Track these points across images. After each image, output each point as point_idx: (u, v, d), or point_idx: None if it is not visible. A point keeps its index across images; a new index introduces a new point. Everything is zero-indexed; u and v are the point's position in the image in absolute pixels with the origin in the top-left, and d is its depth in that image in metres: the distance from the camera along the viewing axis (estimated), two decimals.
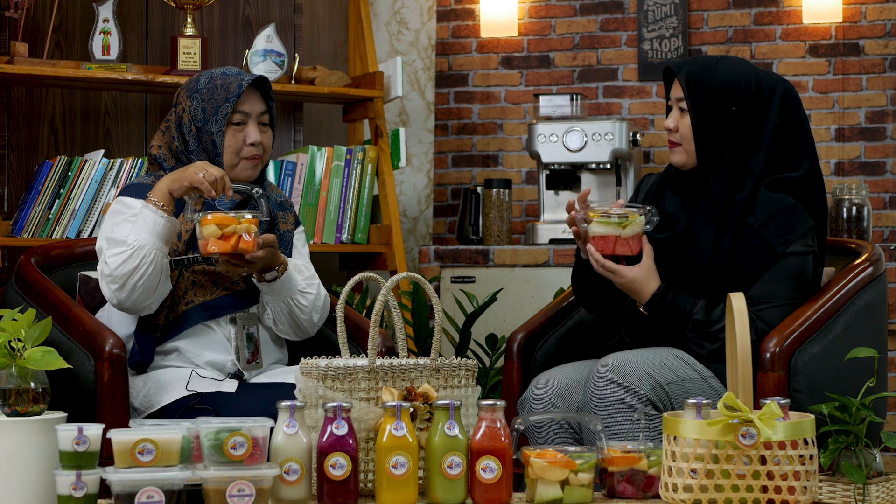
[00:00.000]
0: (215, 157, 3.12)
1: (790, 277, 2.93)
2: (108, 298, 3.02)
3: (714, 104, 3.00)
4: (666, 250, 3.00)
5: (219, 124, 3.11)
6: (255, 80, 3.15)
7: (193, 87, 3.16)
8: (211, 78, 3.16)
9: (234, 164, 3.14)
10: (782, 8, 5.06)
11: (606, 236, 2.91)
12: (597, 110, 5.22)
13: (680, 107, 3.05)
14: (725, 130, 3.00)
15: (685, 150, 3.05)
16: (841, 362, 2.86)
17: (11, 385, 2.46)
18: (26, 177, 4.44)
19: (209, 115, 3.12)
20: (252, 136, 3.14)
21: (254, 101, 3.16)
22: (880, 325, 3.16)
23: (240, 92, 3.11)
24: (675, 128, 3.06)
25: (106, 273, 2.97)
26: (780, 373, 2.88)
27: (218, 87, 3.13)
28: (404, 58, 5.36)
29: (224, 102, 3.11)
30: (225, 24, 4.81)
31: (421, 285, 2.62)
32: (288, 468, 2.38)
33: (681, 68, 3.05)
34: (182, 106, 3.16)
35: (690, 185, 3.06)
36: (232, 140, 3.13)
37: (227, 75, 3.15)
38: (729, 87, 2.99)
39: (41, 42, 4.40)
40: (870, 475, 2.54)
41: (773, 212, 2.93)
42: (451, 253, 4.73)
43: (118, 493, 2.24)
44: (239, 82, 3.13)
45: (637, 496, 2.49)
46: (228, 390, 2.98)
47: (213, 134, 3.12)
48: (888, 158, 4.96)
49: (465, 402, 2.55)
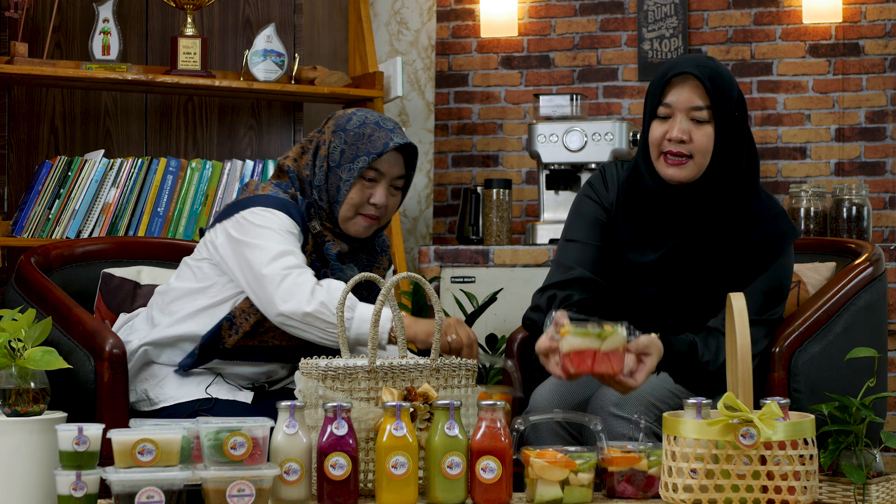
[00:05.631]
0: (333, 203, 3.01)
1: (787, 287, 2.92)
2: (268, 298, 2.87)
3: (733, 112, 2.80)
4: (662, 268, 2.88)
5: (350, 173, 2.98)
6: (403, 145, 3.02)
7: (343, 125, 3.02)
8: (362, 123, 3.01)
9: (350, 216, 3.01)
10: (782, 8, 5.06)
11: (583, 351, 2.54)
12: (597, 110, 5.22)
13: (693, 117, 2.79)
14: (738, 141, 2.82)
15: (696, 165, 2.81)
16: (841, 362, 2.86)
17: (11, 385, 2.46)
18: (26, 177, 4.44)
19: (344, 161, 2.99)
20: (378, 198, 3.01)
21: (394, 162, 3.02)
22: (880, 325, 3.16)
23: (383, 151, 2.97)
24: (688, 139, 2.80)
25: (305, 305, 2.83)
26: (780, 373, 2.89)
27: (364, 137, 2.99)
28: (404, 58, 5.36)
29: (363, 155, 2.97)
30: (225, 24, 4.81)
31: (421, 285, 2.62)
32: (288, 468, 2.38)
33: (701, 72, 2.78)
34: (325, 137, 3.04)
35: (684, 198, 2.85)
36: (357, 194, 2.99)
37: (379, 128, 3.00)
38: (735, 93, 2.83)
39: (41, 42, 4.40)
40: (870, 475, 2.54)
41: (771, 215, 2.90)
42: (451, 253, 4.73)
43: (118, 493, 2.24)
44: (386, 141, 2.98)
45: (637, 496, 2.49)
46: (245, 401, 3.01)
47: (341, 180, 2.99)
48: (888, 158, 4.96)
49: (465, 402, 2.55)
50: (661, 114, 2.82)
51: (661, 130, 2.82)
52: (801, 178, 5.03)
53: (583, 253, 2.94)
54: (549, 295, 2.90)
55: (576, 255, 2.94)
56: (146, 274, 3.39)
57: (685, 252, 2.87)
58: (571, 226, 3.00)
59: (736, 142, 2.82)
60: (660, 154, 2.83)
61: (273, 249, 2.89)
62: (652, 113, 2.84)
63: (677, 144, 2.79)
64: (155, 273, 3.40)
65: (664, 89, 2.82)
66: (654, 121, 2.84)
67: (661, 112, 2.82)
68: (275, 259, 2.88)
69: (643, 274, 2.89)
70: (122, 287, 3.33)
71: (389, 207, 3.05)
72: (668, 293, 2.89)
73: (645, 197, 2.89)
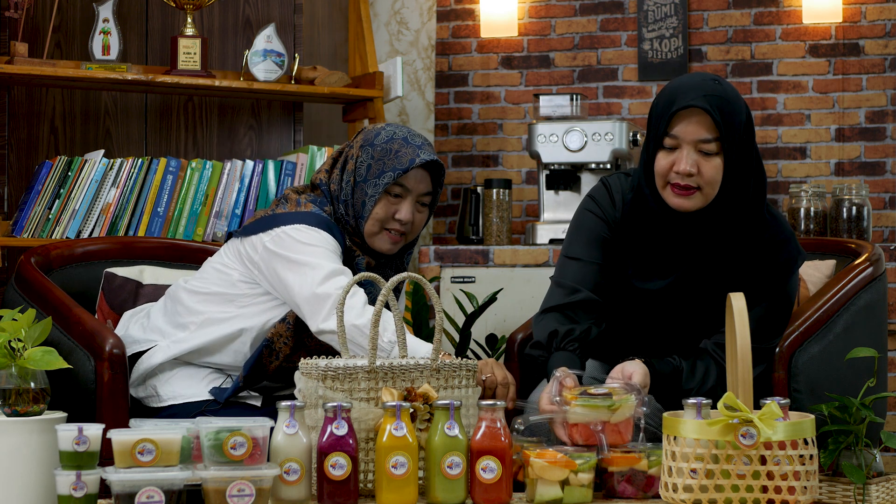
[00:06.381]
0: (359, 219, 2.99)
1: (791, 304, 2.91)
2: (322, 316, 2.85)
3: (741, 137, 2.71)
4: (668, 295, 2.83)
5: (375, 188, 2.96)
6: (430, 162, 2.99)
7: (370, 139, 3.00)
8: (390, 139, 2.98)
9: (375, 232, 2.99)
10: (782, 8, 5.06)
11: (592, 423, 2.49)
12: (597, 110, 5.22)
13: (701, 149, 2.69)
14: (747, 165, 2.74)
15: (704, 196, 2.72)
16: (841, 362, 2.86)
17: (11, 385, 2.46)
18: (26, 177, 4.44)
19: (370, 176, 2.96)
20: (404, 214, 2.98)
21: (420, 179, 2.99)
22: (880, 325, 3.16)
23: (409, 167, 2.94)
24: (696, 172, 2.70)
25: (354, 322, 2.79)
26: (780, 373, 2.89)
27: (391, 152, 2.96)
28: (404, 58, 5.36)
29: (389, 171, 2.95)
30: (225, 24, 4.81)
31: (421, 285, 2.62)
32: (288, 468, 2.38)
33: (710, 103, 2.67)
34: (353, 151, 3.02)
35: (691, 225, 2.79)
36: (382, 210, 2.97)
37: (407, 144, 2.97)
38: (744, 116, 2.72)
39: (41, 42, 4.40)
40: (870, 475, 2.54)
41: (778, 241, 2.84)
42: (451, 253, 4.73)
43: (118, 493, 2.24)
44: (413, 157, 2.95)
45: (637, 496, 2.49)
46: (254, 404, 3.01)
47: (367, 196, 2.97)
48: (888, 158, 4.96)
49: (465, 402, 2.54)
50: (667, 144, 2.73)
51: (667, 162, 2.73)
52: (801, 178, 5.03)
53: (584, 273, 2.87)
54: (550, 330, 2.84)
55: (577, 275, 2.88)
56: (149, 273, 3.39)
57: (692, 279, 2.83)
58: (573, 242, 2.92)
59: (744, 165, 2.74)
60: (666, 184, 2.76)
61: (326, 268, 2.88)
62: (657, 142, 2.74)
63: (685, 178, 2.71)
64: (158, 273, 3.40)
65: (671, 120, 2.71)
66: (659, 150, 2.74)
67: (668, 143, 2.72)
68: (328, 278, 2.87)
69: (647, 300, 2.86)
70: (124, 287, 3.33)
71: (416, 224, 3.02)
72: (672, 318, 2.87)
73: (650, 221, 2.83)
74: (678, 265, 2.83)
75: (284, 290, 2.94)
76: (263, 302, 3.02)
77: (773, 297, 2.83)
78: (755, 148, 2.78)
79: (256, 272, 2.99)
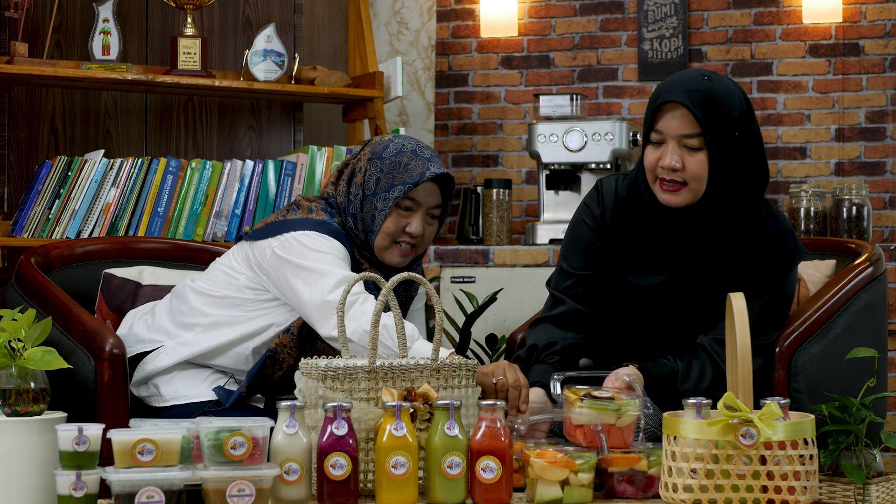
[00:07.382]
0: (369, 232, 2.99)
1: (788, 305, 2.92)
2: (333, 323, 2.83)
3: (732, 132, 2.72)
4: (664, 291, 2.85)
5: (385, 202, 2.95)
6: (439, 175, 2.98)
7: (378, 153, 2.99)
8: (399, 151, 2.98)
9: (386, 246, 2.99)
10: (782, 8, 5.06)
11: (595, 426, 2.51)
12: (597, 110, 5.22)
13: (685, 144, 2.73)
14: (740, 162, 2.75)
15: (691, 191, 2.75)
16: (841, 362, 2.86)
17: (11, 385, 2.46)
18: (26, 177, 4.44)
19: (380, 190, 2.96)
20: (414, 227, 2.98)
21: (430, 192, 2.99)
22: (880, 325, 3.16)
23: (419, 181, 2.94)
24: (681, 167, 2.74)
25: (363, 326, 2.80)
26: (779, 373, 2.88)
27: (400, 166, 2.95)
28: (404, 58, 5.36)
29: (399, 184, 2.95)
30: (225, 24, 4.81)
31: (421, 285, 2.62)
32: (288, 468, 2.38)
33: (690, 99, 2.70)
34: (361, 164, 3.01)
35: (685, 221, 2.81)
36: (392, 223, 2.97)
37: (416, 157, 2.97)
38: (736, 112, 2.73)
39: (41, 42, 4.40)
40: (870, 475, 2.53)
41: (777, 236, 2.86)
42: (451, 253, 4.73)
43: (118, 493, 2.24)
44: (423, 170, 2.95)
45: (637, 496, 2.49)
46: (257, 405, 3.01)
47: (377, 209, 2.96)
48: (888, 158, 4.96)
49: (465, 402, 2.54)
50: (653, 139, 2.77)
51: (654, 156, 2.77)
52: (801, 178, 5.03)
53: (571, 283, 2.95)
54: (530, 344, 2.94)
55: (566, 284, 2.96)
56: (148, 274, 3.39)
57: (688, 275, 2.84)
58: (564, 250, 3.00)
59: (738, 161, 2.75)
60: (655, 178, 2.80)
61: (337, 275, 2.88)
62: (646, 137, 2.79)
63: (670, 172, 2.74)
64: (157, 273, 3.39)
65: (655, 115, 2.76)
66: (648, 145, 2.79)
67: (654, 138, 2.77)
68: (339, 285, 2.86)
69: (644, 296, 2.87)
70: (123, 287, 3.33)
71: (426, 237, 3.02)
72: (670, 315, 2.88)
73: (646, 217, 2.86)
74: (673, 261, 2.85)
75: (294, 296, 2.93)
76: (270, 308, 3.02)
77: (772, 292, 2.85)
78: (756, 144, 2.79)
79: (265, 277, 2.99)
